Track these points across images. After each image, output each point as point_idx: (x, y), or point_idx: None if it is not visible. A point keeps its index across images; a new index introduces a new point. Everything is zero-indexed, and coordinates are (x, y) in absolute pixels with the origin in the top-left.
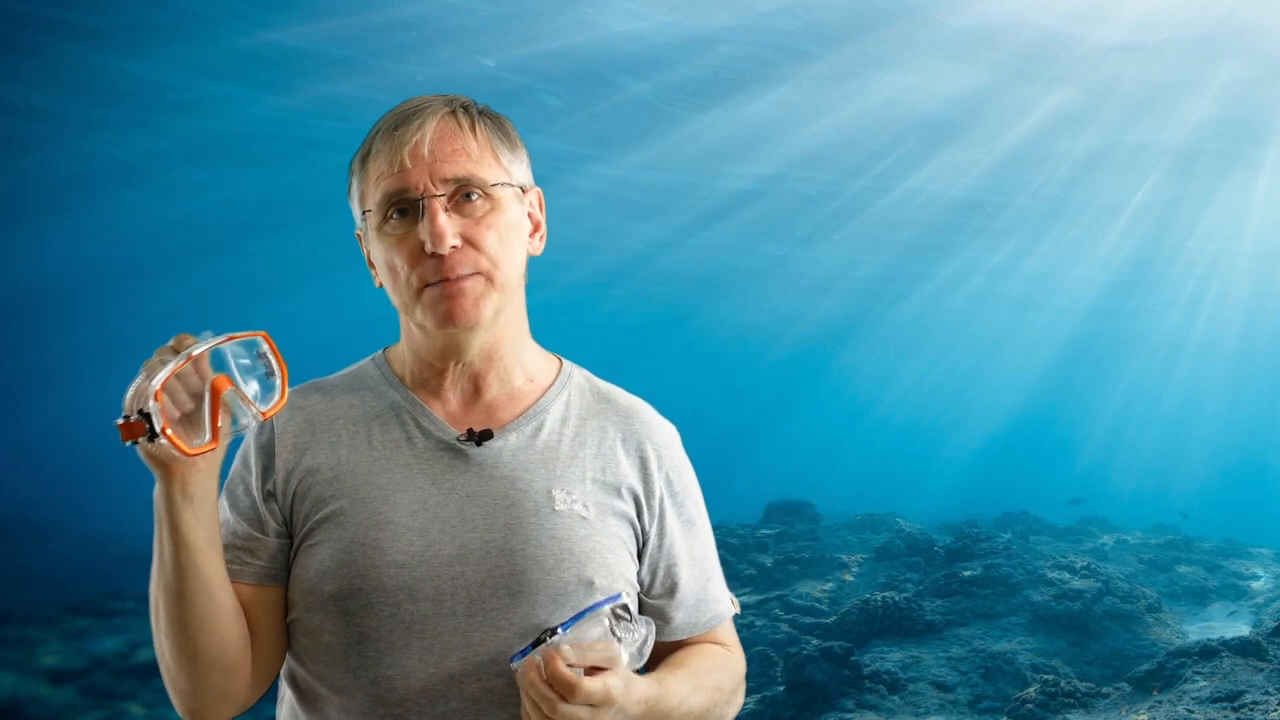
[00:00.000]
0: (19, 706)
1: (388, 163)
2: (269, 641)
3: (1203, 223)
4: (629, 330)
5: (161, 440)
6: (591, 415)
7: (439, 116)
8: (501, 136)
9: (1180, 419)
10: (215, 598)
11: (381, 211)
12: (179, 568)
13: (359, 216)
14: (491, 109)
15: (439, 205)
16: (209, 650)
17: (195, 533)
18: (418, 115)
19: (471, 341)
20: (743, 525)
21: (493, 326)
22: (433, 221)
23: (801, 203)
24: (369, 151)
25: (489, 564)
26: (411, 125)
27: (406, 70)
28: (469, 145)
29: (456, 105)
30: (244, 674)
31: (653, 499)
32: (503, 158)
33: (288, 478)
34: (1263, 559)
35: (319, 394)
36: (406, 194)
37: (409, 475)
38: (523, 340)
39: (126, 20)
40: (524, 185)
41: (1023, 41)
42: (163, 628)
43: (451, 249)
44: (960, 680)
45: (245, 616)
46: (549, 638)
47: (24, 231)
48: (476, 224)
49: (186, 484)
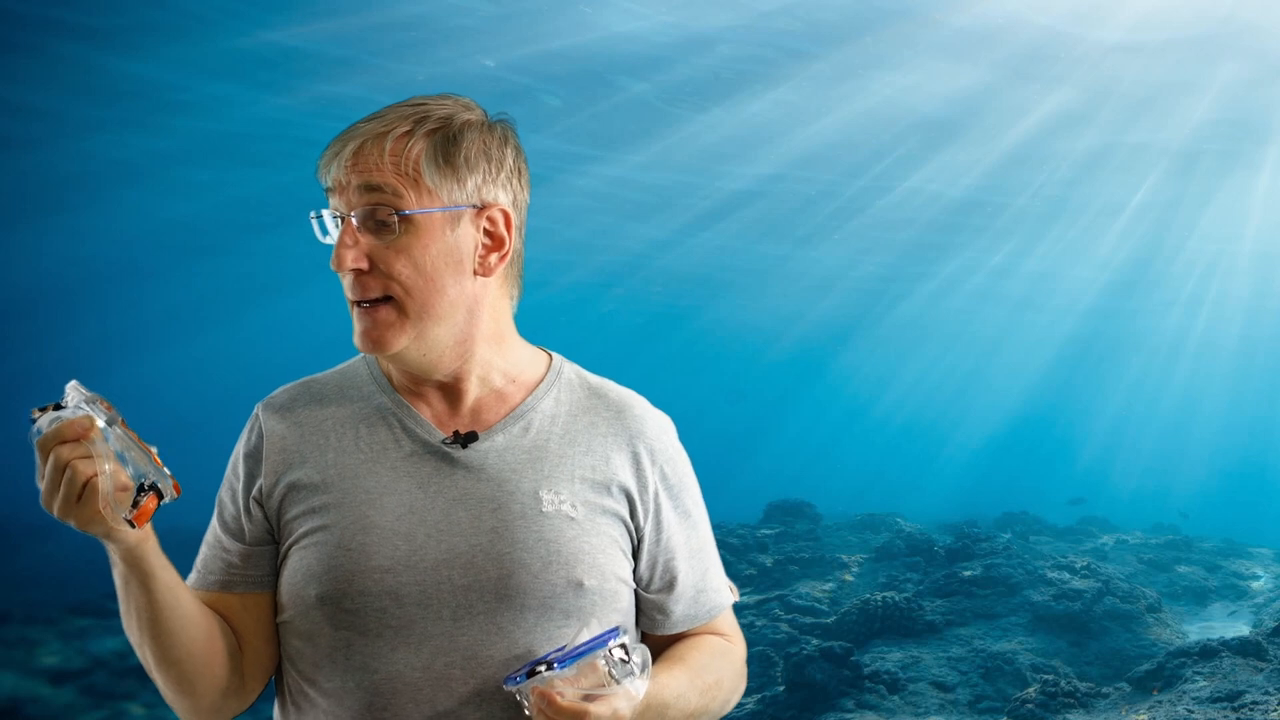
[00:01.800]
0: (19, 706)
1: (325, 172)
2: (261, 645)
3: (1203, 223)
4: (629, 330)
5: (173, 494)
6: (582, 411)
7: (374, 135)
8: (441, 160)
9: (1180, 419)
10: (199, 624)
11: (327, 219)
12: (160, 608)
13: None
14: (484, 118)
15: (351, 225)
16: (202, 678)
17: (165, 570)
18: (355, 130)
19: (416, 361)
20: (743, 525)
21: (426, 347)
22: (337, 243)
23: (801, 203)
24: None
25: (476, 568)
26: (348, 136)
27: (406, 70)
28: (394, 166)
29: (410, 120)
30: (237, 685)
31: (647, 494)
32: (430, 181)
33: (275, 484)
34: (1263, 559)
35: (308, 394)
36: (336, 206)
37: (395, 479)
38: (497, 344)
39: (126, 20)
40: (475, 205)
41: (1023, 41)
42: (156, 671)
43: (357, 271)
44: (960, 680)
45: (234, 624)
46: (544, 670)
47: (24, 231)
48: (387, 249)
49: (149, 535)
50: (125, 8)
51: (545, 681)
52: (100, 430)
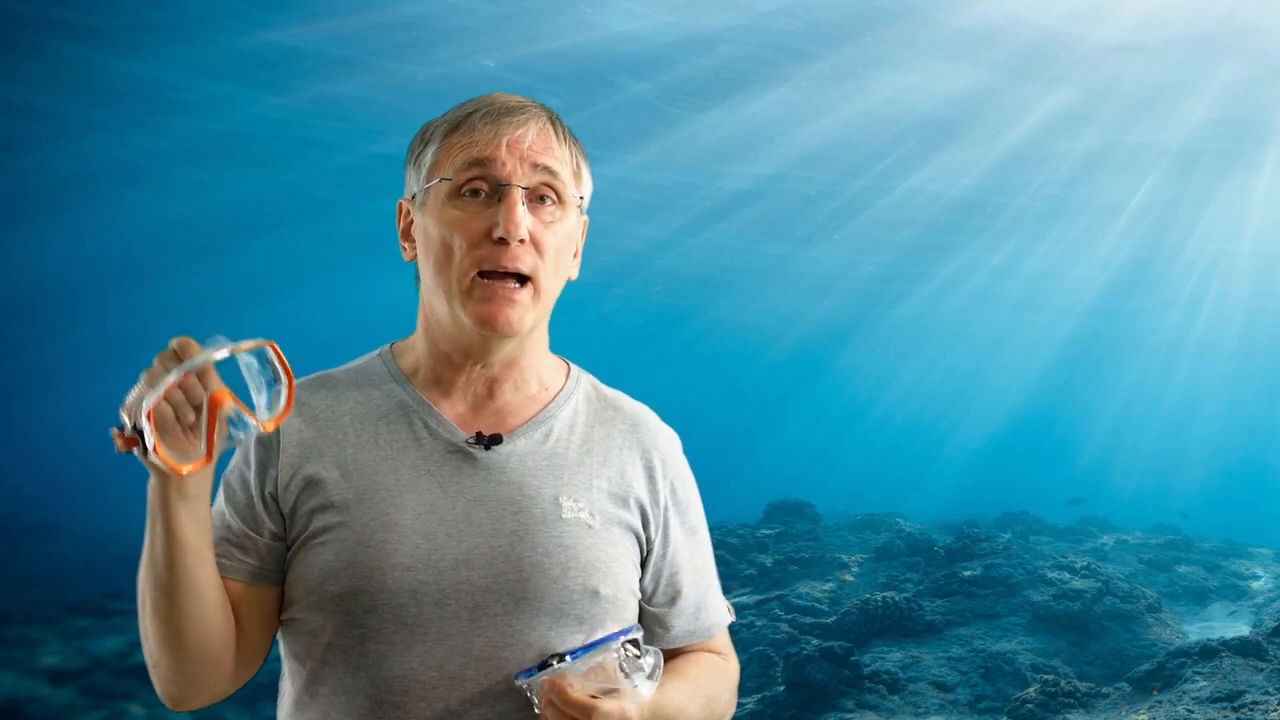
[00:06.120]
0: (19, 706)
1: (485, 143)
2: (256, 635)
3: (1203, 223)
4: (629, 330)
5: (154, 457)
6: (598, 423)
7: (543, 120)
8: (583, 156)
9: (1180, 419)
10: (205, 595)
11: (458, 183)
12: (170, 564)
13: (419, 182)
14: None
15: (519, 195)
16: (194, 644)
17: (189, 530)
18: (523, 111)
19: (500, 347)
20: (743, 525)
21: (524, 339)
22: (512, 209)
23: (801, 203)
24: (458, 125)
25: (494, 569)
26: (516, 118)
27: (406, 70)
28: (561, 152)
29: (554, 115)
30: (227, 666)
31: (658, 508)
32: (581, 174)
33: (291, 478)
34: (1263, 559)
35: (324, 390)
36: (492, 175)
37: (416, 477)
38: (544, 351)
39: (126, 20)
40: (584, 208)
41: (1023, 41)
42: (149, 618)
43: (519, 241)
44: (960, 680)
45: (233, 611)
46: (556, 662)
47: (24, 231)
48: (545, 226)
49: (184, 482)
50: (125, 8)
51: (558, 674)
52: (185, 360)
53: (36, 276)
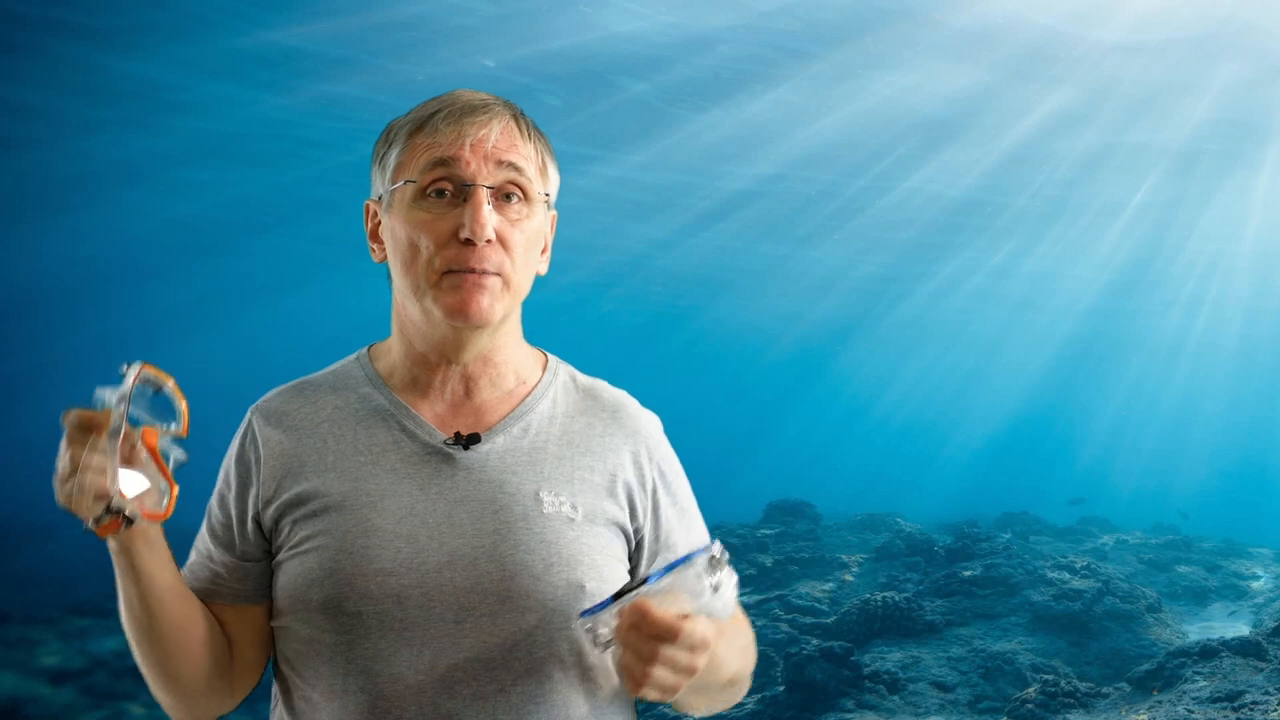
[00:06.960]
0: (19, 706)
1: (449, 143)
2: (252, 650)
3: (1203, 223)
4: (629, 330)
5: (141, 522)
6: (578, 413)
7: (507, 118)
8: (548, 151)
9: (1180, 419)
10: (190, 630)
11: (423, 185)
12: (152, 613)
13: (385, 184)
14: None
15: (484, 195)
16: (190, 680)
17: (163, 572)
18: (486, 110)
19: (473, 341)
20: (743, 525)
21: (495, 331)
22: (478, 209)
23: (801, 203)
24: (421, 126)
25: (478, 570)
26: (480, 116)
27: (406, 70)
28: (526, 149)
29: (517, 111)
30: (225, 685)
31: (645, 492)
32: (547, 170)
33: (274, 491)
34: (1263, 559)
35: (301, 397)
36: (457, 175)
37: (396, 481)
38: (518, 345)
39: (126, 20)
40: (551, 203)
41: (1023, 41)
42: (143, 664)
43: (486, 241)
44: (960, 680)
45: (225, 630)
46: (630, 592)
47: (24, 231)
48: (512, 224)
49: (146, 529)
50: (125, 8)
51: (636, 598)
52: (109, 431)
53: (36, 276)
